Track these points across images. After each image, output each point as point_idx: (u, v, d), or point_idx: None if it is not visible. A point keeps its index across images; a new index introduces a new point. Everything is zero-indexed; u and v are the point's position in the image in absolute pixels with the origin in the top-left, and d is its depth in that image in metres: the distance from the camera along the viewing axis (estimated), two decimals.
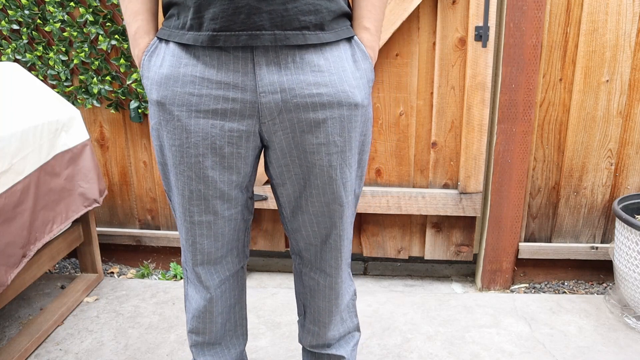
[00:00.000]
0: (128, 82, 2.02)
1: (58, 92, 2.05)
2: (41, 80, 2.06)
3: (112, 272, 2.25)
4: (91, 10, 1.93)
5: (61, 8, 1.96)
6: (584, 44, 1.82)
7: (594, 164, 1.95)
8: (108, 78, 2.03)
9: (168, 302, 1.98)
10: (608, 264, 2.06)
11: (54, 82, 2.08)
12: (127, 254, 2.31)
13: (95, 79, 2.03)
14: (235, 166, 1.08)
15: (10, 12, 1.97)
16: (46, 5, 1.96)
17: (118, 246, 2.29)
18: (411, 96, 1.95)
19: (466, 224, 2.10)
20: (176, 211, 1.17)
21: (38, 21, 2.00)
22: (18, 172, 1.55)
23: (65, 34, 1.99)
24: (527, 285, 2.11)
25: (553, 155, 1.96)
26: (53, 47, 2.02)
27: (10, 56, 2.04)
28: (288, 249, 2.23)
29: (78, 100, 2.09)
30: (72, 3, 1.94)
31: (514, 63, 1.83)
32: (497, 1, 1.81)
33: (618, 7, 1.77)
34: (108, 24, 1.97)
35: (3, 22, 2.00)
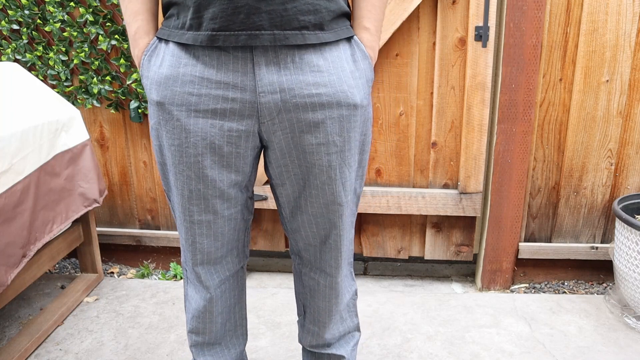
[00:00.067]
0: (128, 82, 2.02)
1: (58, 92, 2.05)
2: (41, 80, 2.06)
3: (112, 272, 2.25)
4: (91, 10, 1.93)
5: (61, 8, 1.96)
6: (584, 44, 1.82)
7: (594, 164, 1.95)
8: (108, 78, 2.03)
9: (168, 302, 1.98)
10: (608, 264, 2.06)
11: (54, 82, 2.08)
12: (127, 254, 2.31)
13: (95, 79, 2.03)
14: (234, 165, 1.08)
15: (10, 12, 1.97)
16: (46, 5, 1.96)
17: (118, 246, 2.29)
18: (411, 96, 1.95)
19: (466, 224, 2.10)
20: (176, 211, 1.17)
21: (38, 21, 2.00)
22: (18, 172, 1.55)
23: (65, 34, 1.99)
24: (527, 285, 2.11)
25: (553, 155, 1.96)
26: (53, 47, 2.02)
27: (10, 56, 2.04)
28: (288, 249, 2.23)
29: (78, 100, 2.09)
30: (72, 3, 1.94)
31: (514, 63, 1.83)
32: (497, 1, 1.81)
33: (618, 7, 1.77)
34: (108, 24, 1.97)
35: (3, 22, 2.00)
